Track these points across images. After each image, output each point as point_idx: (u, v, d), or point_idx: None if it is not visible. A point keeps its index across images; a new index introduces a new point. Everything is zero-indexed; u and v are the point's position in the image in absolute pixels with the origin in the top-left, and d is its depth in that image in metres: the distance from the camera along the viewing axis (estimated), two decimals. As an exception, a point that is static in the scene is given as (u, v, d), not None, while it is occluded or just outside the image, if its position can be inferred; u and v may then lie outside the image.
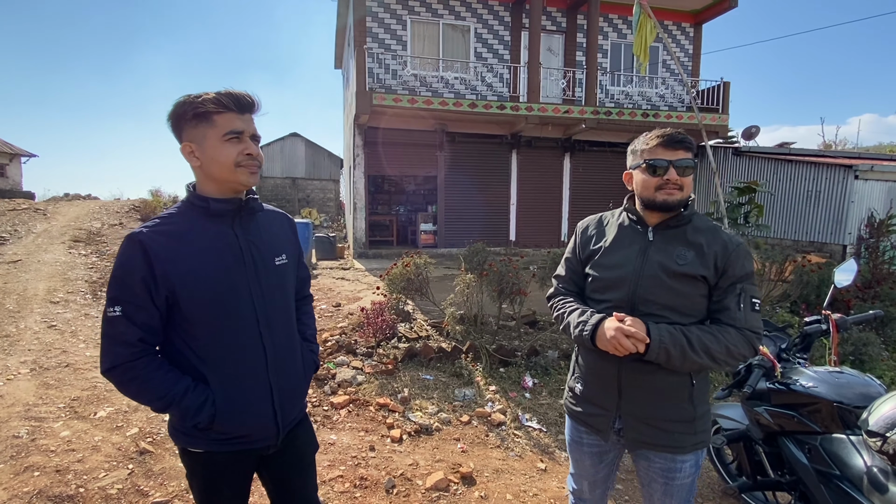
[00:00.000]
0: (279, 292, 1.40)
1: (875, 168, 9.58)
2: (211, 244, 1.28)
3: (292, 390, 1.42)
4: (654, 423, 1.49)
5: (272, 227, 1.44)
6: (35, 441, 2.83)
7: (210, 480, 1.37)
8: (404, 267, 5.08)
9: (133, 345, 1.22)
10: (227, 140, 1.26)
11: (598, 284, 1.57)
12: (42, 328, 4.73)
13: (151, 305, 1.22)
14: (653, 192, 1.47)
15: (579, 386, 1.65)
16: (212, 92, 1.26)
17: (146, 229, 1.24)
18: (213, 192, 1.31)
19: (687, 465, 1.52)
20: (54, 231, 9.21)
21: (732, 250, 1.45)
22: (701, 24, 12.72)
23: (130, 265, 1.21)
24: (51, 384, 3.60)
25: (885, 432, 1.56)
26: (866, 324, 5.54)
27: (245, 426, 1.32)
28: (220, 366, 1.29)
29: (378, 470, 2.86)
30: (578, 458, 1.71)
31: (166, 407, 1.24)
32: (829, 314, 2.30)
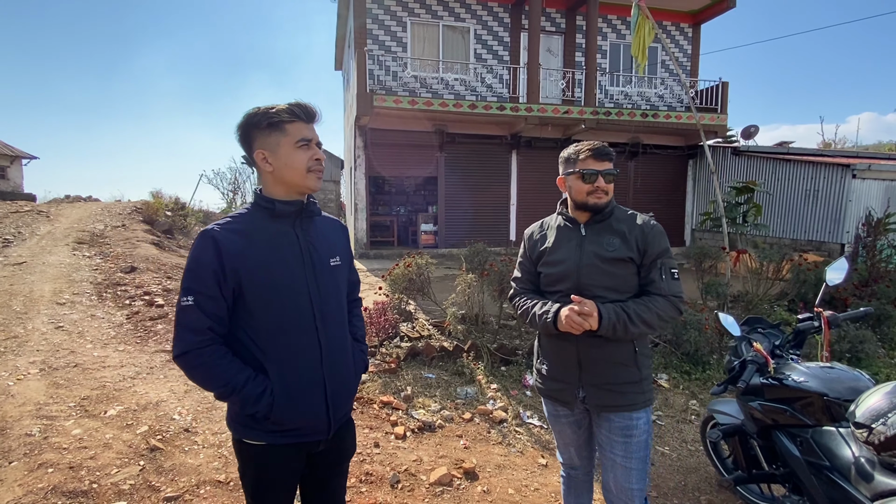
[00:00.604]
0: (334, 291, 1.49)
1: (872, 167, 9.65)
2: (275, 242, 1.39)
3: (344, 386, 1.50)
4: (610, 388, 1.74)
5: (328, 232, 1.54)
6: (48, 439, 2.90)
7: (263, 473, 1.43)
8: (406, 267, 5.15)
9: (203, 332, 1.31)
10: (299, 147, 1.37)
11: (549, 279, 1.84)
12: (49, 329, 4.80)
13: (220, 297, 1.32)
14: (585, 196, 1.77)
15: (545, 367, 1.89)
16: (283, 104, 1.37)
17: (218, 227, 1.35)
18: (280, 195, 1.41)
19: (641, 421, 1.76)
20: (58, 233, 9.28)
21: (649, 232, 1.75)
22: (699, 25, 12.78)
23: (203, 259, 1.31)
24: (60, 384, 3.66)
25: (870, 423, 1.63)
26: (863, 321, 5.62)
27: (300, 418, 1.39)
28: (279, 358, 1.37)
29: (383, 466, 2.92)
30: (560, 429, 1.95)
31: (229, 394, 1.32)
32: (821, 311, 2.37)
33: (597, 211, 1.79)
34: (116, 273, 6.91)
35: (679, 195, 13.11)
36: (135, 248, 8.47)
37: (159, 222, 11.77)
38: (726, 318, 2.50)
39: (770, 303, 6.26)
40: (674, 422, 3.78)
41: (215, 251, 1.30)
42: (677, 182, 13.06)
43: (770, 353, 2.33)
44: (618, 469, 1.76)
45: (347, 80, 14.42)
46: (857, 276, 6.81)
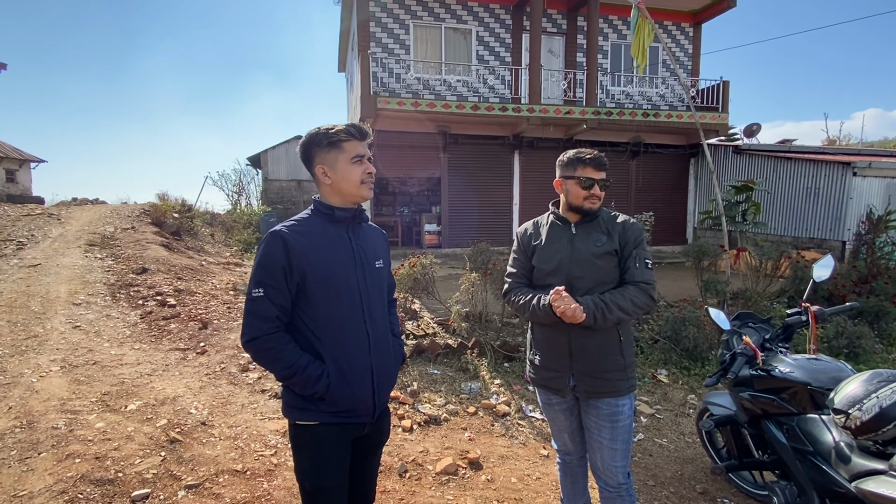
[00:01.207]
0: (378, 289, 1.68)
1: (873, 165, 9.71)
2: (332, 243, 1.58)
3: (387, 373, 1.67)
4: (598, 375, 1.90)
5: (373, 237, 1.74)
6: (73, 432, 3.05)
7: (318, 451, 1.57)
8: (411, 267, 5.28)
9: (271, 320, 1.48)
10: (354, 163, 1.57)
11: (541, 273, 2.00)
12: (67, 328, 4.96)
13: (286, 289, 1.50)
14: (581, 201, 1.95)
15: (538, 357, 2.03)
16: (340, 125, 1.58)
17: (286, 228, 1.53)
18: (337, 203, 1.61)
19: (625, 407, 1.92)
20: (69, 235, 9.46)
21: (628, 228, 1.95)
22: (700, 24, 12.86)
23: (274, 255, 1.48)
24: (81, 380, 3.82)
25: (847, 409, 1.75)
26: (861, 318, 5.71)
27: (351, 400, 1.56)
28: (333, 345, 1.55)
29: (391, 456, 3.06)
30: (553, 416, 2.09)
31: (291, 375, 1.49)
32: (808, 306, 2.48)
33: (586, 213, 1.97)
34: (128, 274, 7.08)
35: (681, 194, 13.19)
36: (145, 250, 8.64)
37: (167, 224, 11.94)
38: (716, 313, 2.62)
39: (769, 300, 6.36)
40: (672, 415, 3.89)
41: (284, 249, 1.48)
42: (679, 181, 13.14)
43: (760, 347, 2.45)
44: (605, 451, 1.93)
45: (351, 82, 14.57)
46: (857, 272, 6.90)
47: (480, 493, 2.74)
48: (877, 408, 1.68)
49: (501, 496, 2.72)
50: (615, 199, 11.35)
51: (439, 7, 11.20)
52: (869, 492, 1.64)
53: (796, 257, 6.21)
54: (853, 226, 9.49)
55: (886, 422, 1.66)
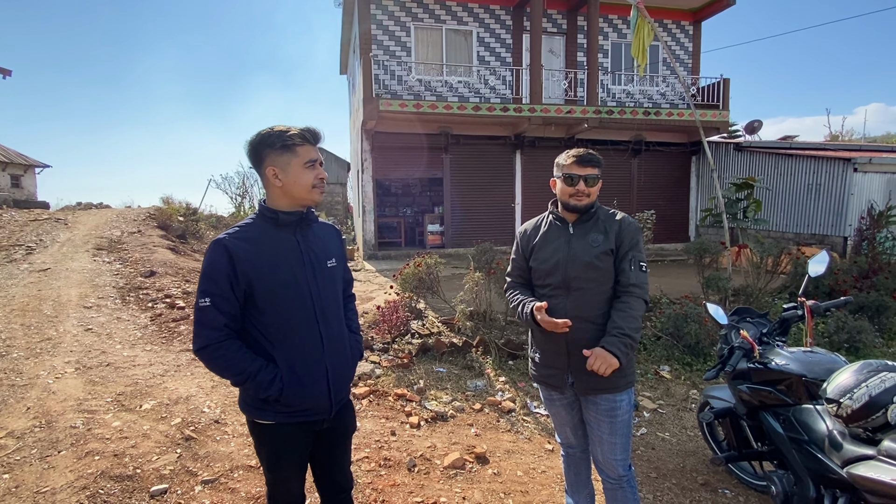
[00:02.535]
0: (331, 288, 1.71)
1: (874, 160, 9.74)
2: (279, 248, 1.59)
3: (343, 371, 1.72)
4: (595, 373, 1.86)
5: (324, 236, 1.75)
6: (91, 430, 3.14)
7: (276, 449, 1.65)
8: (416, 267, 5.37)
9: (220, 329, 1.51)
10: (307, 167, 1.58)
11: (539, 273, 2.04)
12: (80, 331, 5.07)
13: (233, 297, 1.52)
14: (567, 198, 1.98)
15: (538, 355, 2.09)
16: (296, 128, 1.58)
17: (228, 236, 1.54)
18: (285, 206, 1.61)
19: (624, 402, 1.96)
20: (77, 240, 9.59)
21: (624, 228, 1.96)
22: (700, 22, 12.89)
23: (218, 265, 1.51)
24: (96, 381, 3.92)
25: (839, 398, 1.82)
26: (862, 313, 5.76)
27: (307, 399, 1.60)
28: (286, 348, 1.58)
29: (400, 452, 3.14)
30: (555, 411, 2.15)
31: (244, 381, 1.53)
32: (804, 301, 2.56)
33: (577, 211, 1.99)
34: (137, 277, 7.19)
35: (683, 191, 13.23)
36: (152, 254, 8.76)
37: (173, 228, 12.08)
38: (714, 308, 2.69)
39: (771, 296, 6.41)
40: (675, 410, 3.96)
41: (228, 258, 1.50)
42: (681, 178, 13.19)
43: (757, 341, 2.52)
44: (605, 444, 1.98)
45: (353, 84, 14.66)
46: (857, 268, 6.94)
47: (487, 486, 2.82)
48: (866, 396, 1.75)
49: (508, 489, 2.80)
50: (617, 197, 11.39)
51: (440, 9, 11.28)
52: (859, 476, 1.72)
53: (796, 253, 6.26)
54: (854, 221, 9.52)
55: (875, 409, 1.74)
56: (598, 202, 2.06)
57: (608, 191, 11.84)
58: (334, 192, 24.09)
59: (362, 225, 11.52)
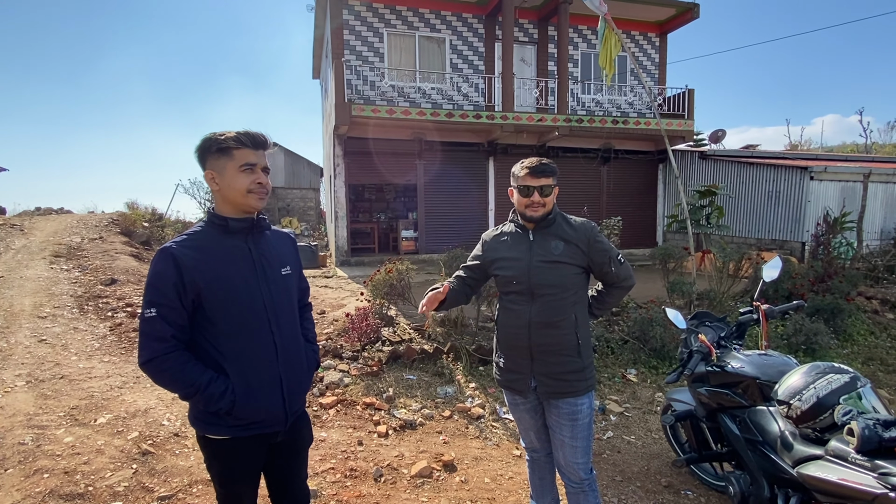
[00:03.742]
0: (286, 297, 1.66)
1: (829, 169, 10.20)
2: (229, 256, 1.55)
3: (298, 382, 1.67)
4: (557, 377, 1.97)
5: (278, 244, 1.71)
6: (40, 447, 2.99)
7: (228, 465, 1.59)
8: (387, 273, 5.33)
9: (167, 340, 1.45)
10: (243, 171, 1.53)
11: (503, 280, 2.06)
12: (33, 342, 4.84)
13: (181, 307, 1.46)
14: (524, 209, 2.00)
15: (502, 360, 2.12)
16: (233, 131, 1.54)
17: (175, 244, 1.49)
18: (230, 212, 1.57)
19: (584, 406, 2.00)
20: (33, 247, 9.18)
21: (588, 237, 1.98)
22: (666, 34, 13.29)
23: (164, 274, 1.45)
24: (48, 395, 3.74)
25: (789, 400, 1.88)
26: (818, 315, 5.98)
27: (260, 412, 1.55)
28: (238, 359, 1.53)
29: (366, 462, 3.10)
30: (519, 416, 2.18)
31: (193, 394, 1.47)
32: (758, 305, 2.64)
33: (534, 222, 2.01)
34: (97, 286, 6.92)
35: (651, 198, 13.56)
36: (114, 261, 8.45)
37: (137, 234, 11.69)
38: (674, 313, 2.76)
39: (734, 299, 6.61)
40: (640, 413, 4.03)
41: (175, 267, 1.44)
42: (649, 185, 13.51)
43: (715, 344, 2.59)
44: (566, 448, 2.01)
45: (325, 88, 14.54)
46: (814, 272, 7.23)
47: (454, 494, 2.80)
48: (814, 398, 1.82)
49: (475, 496, 2.79)
50: (587, 203, 11.59)
51: (413, 16, 11.31)
52: (808, 475, 1.78)
53: (757, 258, 6.48)
54: (811, 227, 9.92)
55: (823, 410, 1.80)
56: (557, 208, 2.06)
57: (579, 198, 12.05)
58: (307, 198, 23.78)
59: (335, 231, 11.39)
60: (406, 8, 11.20)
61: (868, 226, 9.71)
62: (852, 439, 1.66)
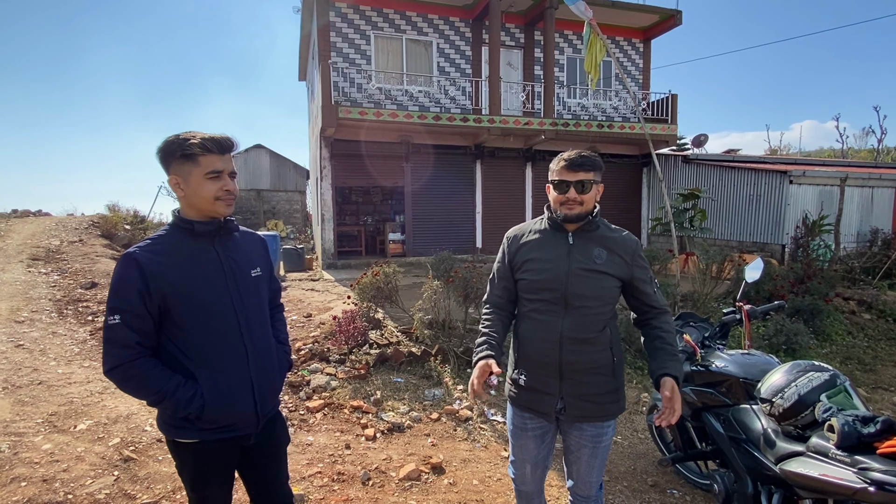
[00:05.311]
0: (256, 299, 1.63)
1: (807, 173, 10.43)
2: (196, 260, 1.51)
3: (270, 384, 1.65)
4: (590, 399, 1.76)
5: (247, 246, 1.67)
6: (17, 454, 2.91)
7: (200, 468, 1.56)
8: (374, 276, 5.31)
9: (132, 347, 1.42)
10: (209, 178, 1.48)
11: (532, 286, 1.81)
12: (9, 347, 4.71)
13: (146, 314, 1.42)
14: (559, 206, 1.78)
15: (523, 377, 1.84)
16: (198, 136, 1.47)
17: (139, 249, 1.45)
18: (196, 216, 1.53)
19: (610, 429, 1.84)
20: (10, 249, 8.95)
21: (635, 251, 1.82)
22: (650, 40, 13.50)
23: (128, 280, 1.41)
24: (26, 401, 3.64)
25: (772, 398, 1.92)
26: (798, 315, 6.11)
27: (230, 415, 1.52)
28: (207, 363, 1.50)
29: (354, 465, 3.08)
30: (523, 442, 1.91)
31: (161, 401, 1.44)
32: (741, 305, 2.69)
33: (569, 221, 1.79)
34: (76, 289, 6.77)
35: (635, 201, 13.73)
36: (94, 264, 8.28)
37: (118, 236, 11.48)
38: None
39: (717, 301, 6.72)
40: (626, 413, 4.06)
41: (139, 272, 1.40)
42: (633, 189, 13.69)
43: (700, 344, 2.64)
44: (583, 466, 1.86)
45: (312, 90, 14.47)
46: (794, 274, 7.39)
47: (443, 497, 2.80)
48: (795, 395, 1.86)
49: (463, 498, 2.79)
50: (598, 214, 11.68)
51: (399, 18, 11.32)
52: (790, 471, 1.81)
53: (738, 260, 6.59)
54: (791, 230, 10.14)
55: (804, 407, 1.84)
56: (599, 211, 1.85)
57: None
58: (293, 200, 23.60)
59: (321, 233, 11.31)
60: (393, 11, 11.22)
61: (845, 228, 9.97)
62: (832, 435, 1.69)
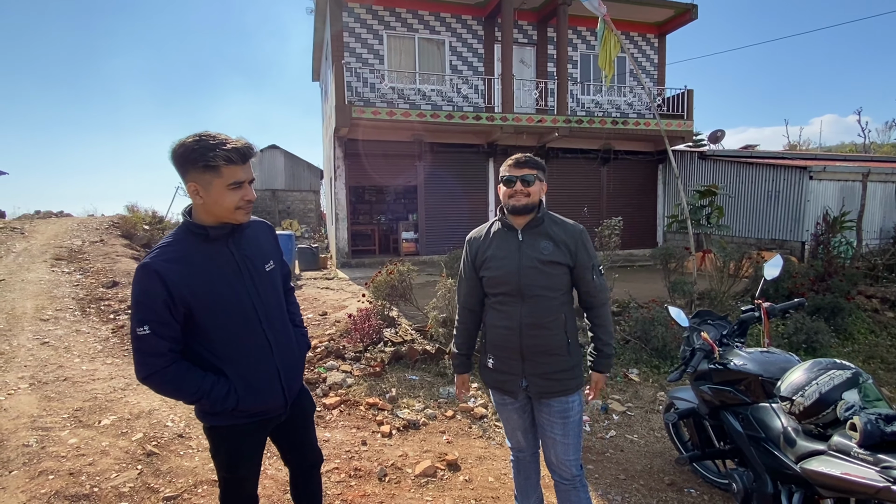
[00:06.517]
0: (272, 292, 1.69)
1: (828, 169, 10.21)
2: (213, 263, 1.54)
3: (294, 369, 1.74)
4: (548, 376, 1.97)
5: (258, 238, 1.70)
6: (45, 448, 3.00)
7: (234, 450, 1.65)
8: (388, 274, 5.34)
9: (164, 355, 1.47)
10: (231, 189, 1.49)
11: (492, 282, 2.03)
12: (35, 345, 4.84)
13: (173, 321, 1.47)
14: (507, 200, 1.99)
15: (491, 360, 2.08)
16: (219, 144, 1.44)
17: (155, 259, 1.45)
18: (211, 222, 1.54)
19: (575, 403, 2.01)
20: (34, 250, 9.19)
21: (575, 239, 1.98)
22: (665, 35, 13.32)
23: (150, 291, 1.43)
24: (52, 397, 3.75)
25: (792, 396, 1.90)
26: (818, 313, 6.00)
27: (263, 404, 1.62)
28: (235, 360, 1.57)
29: (370, 461, 3.11)
30: (507, 416, 2.16)
31: (199, 399, 1.52)
32: (760, 303, 2.65)
33: (518, 212, 1.98)
34: (98, 288, 6.93)
35: (651, 198, 13.58)
36: (115, 263, 8.46)
37: (138, 236, 11.71)
38: (676, 311, 2.77)
39: (734, 299, 6.63)
40: (643, 412, 4.04)
41: (161, 283, 1.41)
42: (649, 186, 13.54)
43: (717, 342, 2.60)
44: (558, 446, 2.02)
45: (325, 91, 14.57)
46: (814, 271, 7.25)
47: (459, 493, 2.81)
48: (816, 393, 1.83)
49: (479, 495, 2.80)
50: (587, 204, 11.59)
51: (412, 18, 11.35)
52: (811, 470, 1.79)
53: (757, 258, 6.49)
54: (811, 227, 9.94)
55: (825, 406, 1.82)
56: (545, 207, 2.05)
57: (579, 198, 12.08)
58: (307, 200, 23.82)
59: (335, 233, 11.40)
60: (405, 10, 11.24)
61: (867, 225, 9.74)
62: (855, 434, 1.67)
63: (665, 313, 5.01)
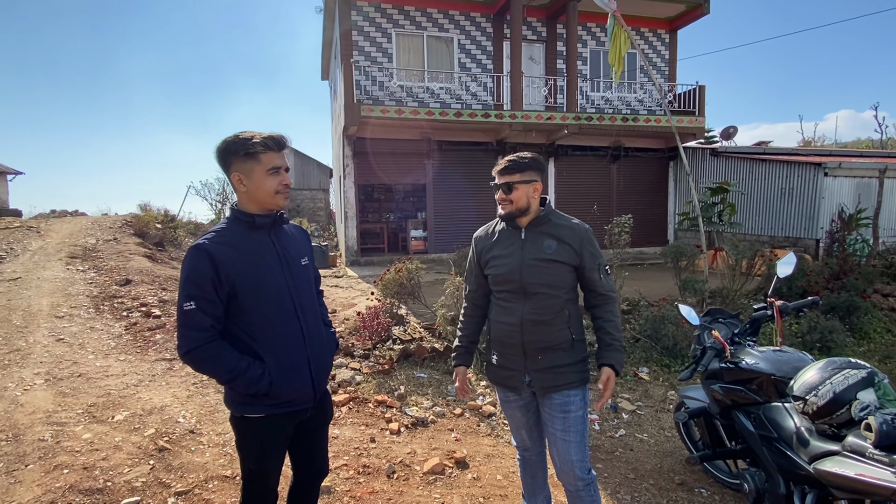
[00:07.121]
0: (306, 285, 1.80)
1: (843, 165, 10.05)
2: (257, 250, 1.66)
3: (323, 362, 1.80)
4: (550, 371, 1.95)
5: (295, 237, 1.84)
6: (60, 443, 3.05)
7: (263, 442, 1.70)
8: (397, 273, 5.35)
9: (206, 330, 1.55)
10: (270, 174, 1.63)
11: (496, 279, 2.04)
12: (51, 342, 4.93)
13: (217, 299, 1.57)
14: (498, 205, 2.01)
15: (495, 357, 2.09)
16: (257, 135, 1.62)
17: (207, 241, 1.59)
18: (255, 210, 1.68)
19: (577, 398, 1.98)
20: (50, 248, 9.34)
21: (581, 239, 1.96)
22: (675, 31, 13.17)
23: (200, 269, 1.55)
24: (66, 393, 3.81)
25: (805, 395, 1.87)
26: (833, 312, 5.91)
27: (294, 391, 1.68)
28: (270, 344, 1.64)
29: (379, 458, 3.12)
30: (511, 413, 2.15)
31: (234, 378, 1.57)
32: (773, 301, 2.62)
33: (504, 220, 2.01)
34: (112, 286, 7.03)
35: (661, 196, 13.45)
36: (128, 262, 8.57)
37: (150, 235, 11.85)
38: (687, 310, 2.74)
39: (747, 297, 6.55)
40: (653, 411, 4.01)
41: (210, 262, 1.54)
42: (659, 183, 13.41)
43: (729, 341, 2.58)
44: (558, 443, 1.96)
45: (334, 89, 14.62)
46: (829, 269, 7.14)
47: (467, 491, 2.81)
48: (830, 393, 1.80)
49: (487, 493, 2.80)
50: (597, 202, 11.54)
51: (421, 16, 11.34)
52: (825, 471, 1.76)
53: (770, 256, 6.41)
54: (826, 224, 9.78)
55: (839, 406, 1.79)
56: (550, 205, 2.06)
57: (589, 196, 12.01)
58: (317, 198, 23.93)
59: (345, 231, 11.45)
60: (414, 8, 11.23)
61: (884, 222, 9.55)
62: (870, 434, 1.64)
63: (676, 311, 4.97)
